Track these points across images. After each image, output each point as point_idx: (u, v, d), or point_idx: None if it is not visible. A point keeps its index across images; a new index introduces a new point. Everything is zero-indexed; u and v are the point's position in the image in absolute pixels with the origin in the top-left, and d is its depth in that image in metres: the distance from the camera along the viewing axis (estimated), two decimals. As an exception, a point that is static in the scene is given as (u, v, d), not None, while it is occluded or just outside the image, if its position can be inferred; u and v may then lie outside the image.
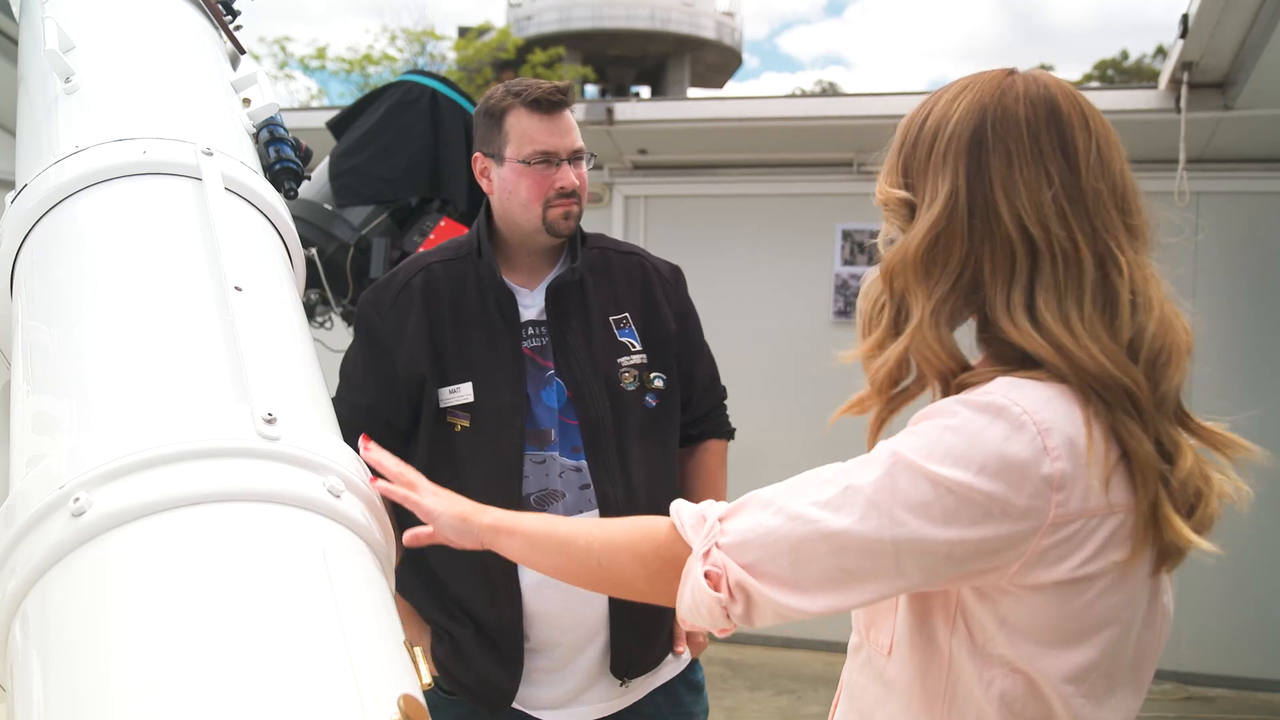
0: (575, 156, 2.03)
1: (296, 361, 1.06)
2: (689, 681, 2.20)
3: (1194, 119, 4.12)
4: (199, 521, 0.82)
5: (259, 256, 1.17)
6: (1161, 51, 21.45)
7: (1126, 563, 1.06)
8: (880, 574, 1.06)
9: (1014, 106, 1.14)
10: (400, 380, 2.00)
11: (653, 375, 2.06)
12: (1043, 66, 1.49)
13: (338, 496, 0.89)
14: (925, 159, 1.18)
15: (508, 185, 2.03)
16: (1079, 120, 1.15)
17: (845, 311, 5.09)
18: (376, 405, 2.02)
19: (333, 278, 3.00)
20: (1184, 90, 4.07)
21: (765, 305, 5.19)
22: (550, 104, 2.00)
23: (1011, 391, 1.06)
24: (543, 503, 1.98)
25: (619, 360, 2.04)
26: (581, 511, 1.98)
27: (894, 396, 1.19)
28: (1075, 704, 1.09)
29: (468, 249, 2.08)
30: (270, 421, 0.89)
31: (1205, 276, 4.48)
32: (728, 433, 2.28)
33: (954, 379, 1.15)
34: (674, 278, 2.19)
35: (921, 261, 1.14)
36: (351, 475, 0.92)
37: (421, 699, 0.79)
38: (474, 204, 3.20)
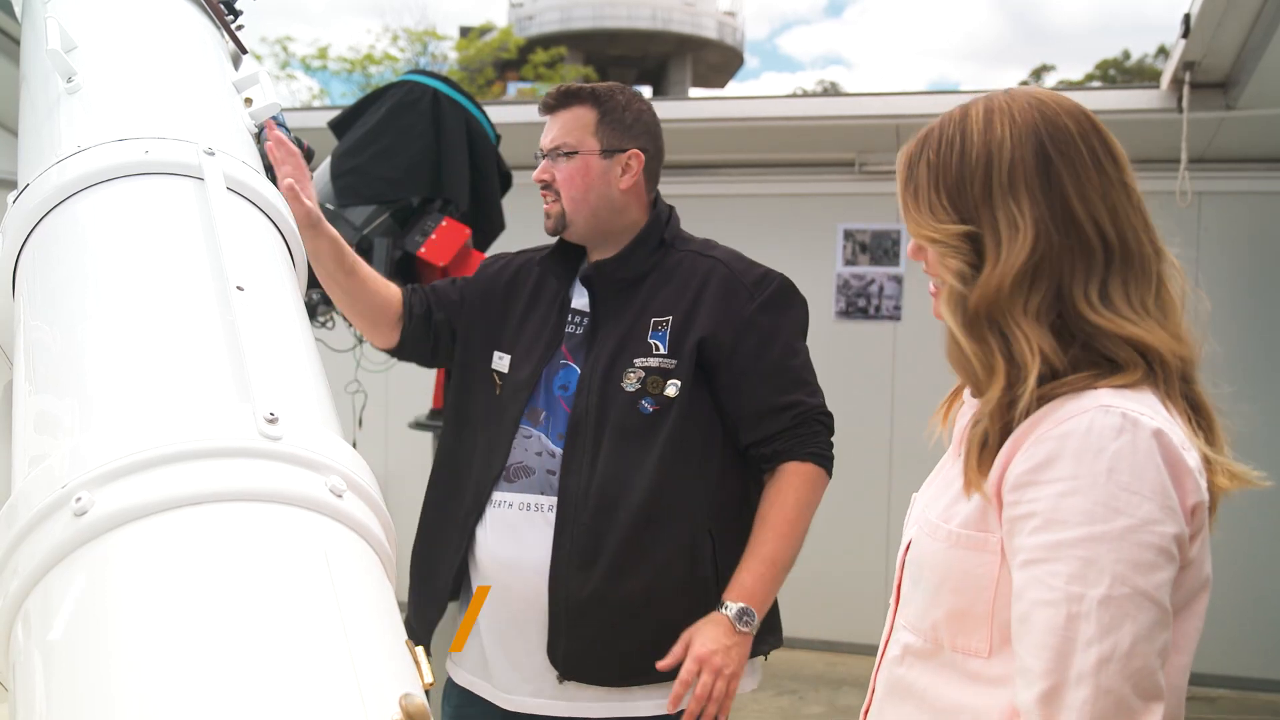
0: (552, 152, 2.12)
1: (299, 361, 1.06)
2: None
3: (1196, 119, 4.12)
4: (201, 521, 0.82)
5: (261, 256, 1.17)
6: (1163, 51, 21.44)
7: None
8: (1162, 614, 1.08)
9: (1062, 121, 1.19)
10: (464, 298, 2.23)
11: (668, 382, 1.98)
12: (1044, 67, 1.52)
13: (340, 496, 0.89)
14: (983, 189, 1.19)
15: None
16: (1105, 129, 1.21)
17: (847, 311, 5.09)
18: (438, 286, 2.27)
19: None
20: (1186, 90, 4.07)
21: (767, 305, 5.19)
22: (542, 107, 2.17)
23: (1119, 400, 1.11)
24: (517, 474, 2.05)
25: (635, 360, 2.01)
26: (542, 493, 2.01)
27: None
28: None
29: None
30: (272, 421, 0.88)
31: (1207, 277, 4.47)
32: (810, 455, 2.02)
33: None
34: (756, 288, 2.07)
35: (1016, 287, 1.17)
36: (354, 475, 0.92)
37: (424, 699, 0.79)
38: (476, 203, 3.20)
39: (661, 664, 1.90)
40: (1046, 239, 1.16)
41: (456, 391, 2.23)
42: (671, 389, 1.98)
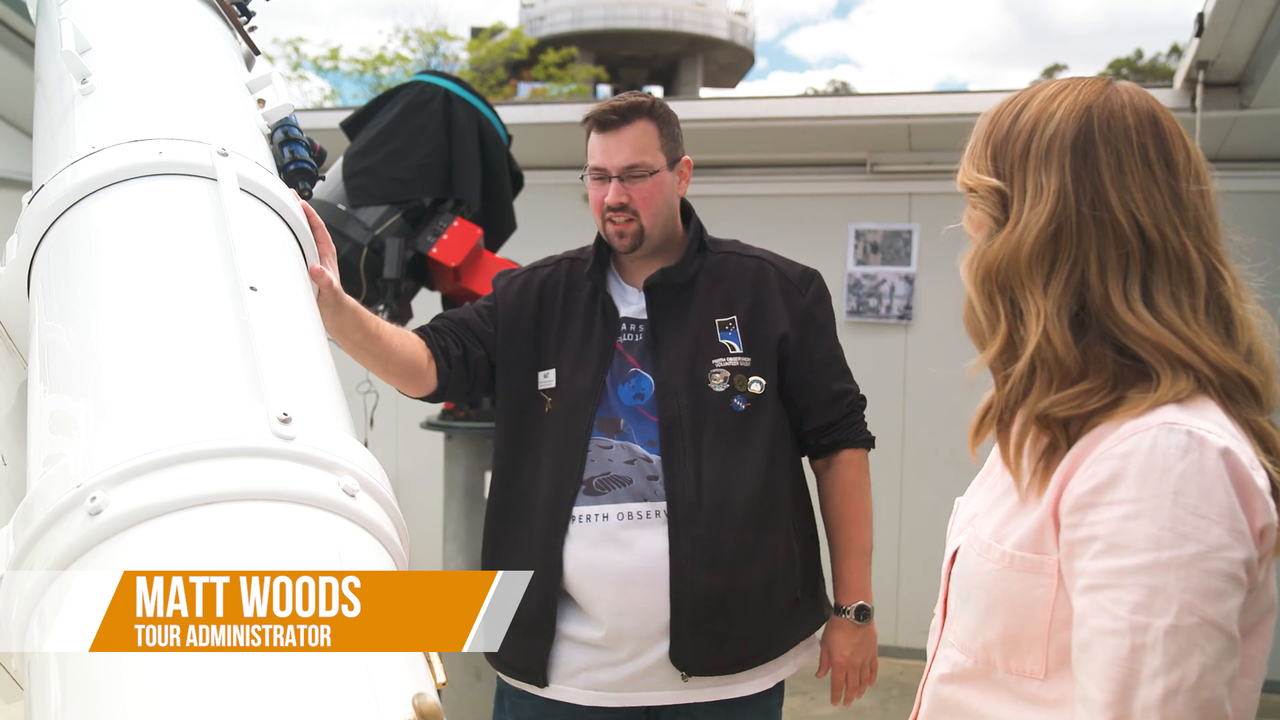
0: (627, 173, 2.09)
1: (311, 361, 1.07)
2: (762, 706, 2.14)
3: (1209, 118, 4.09)
4: (215, 521, 0.83)
5: (274, 256, 1.18)
6: (1176, 50, 21.36)
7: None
8: (1231, 643, 1.05)
9: (1121, 112, 1.16)
10: (497, 327, 2.18)
11: (750, 379, 2.09)
12: (1056, 66, 1.51)
13: (352, 496, 0.89)
14: (1022, 152, 1.18)
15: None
16: (1178, 138, 1.18)
17: (858, 311, 5.08)
18: (469, 319, 2.20)
19: (346, 278, 3.00)
20: (1199, 89, 4.04)
21: (778, 305, 5.19)
22: (602, 123, 2.10)
23: (1184, 417, 1.06)
24: (604, 486, 2.04)
25: (714, 361, 2.08)
26: (646, 500, 2.03)
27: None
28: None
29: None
30: (285, 421, 0.89)
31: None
32: (864, 441, 2.23)
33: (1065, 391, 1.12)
34: (803, 283, 2.19)
35: (1036, 259, 1.14)
36: (366, 475, 0.92)
37: (436, 698, 0.79)
38: (487, 204, 3.21)
39: (820, 674, 2.21)
40: (1066, 212, 1.14)
41: (509, 417, 2.18)
42: (755, 386, 2.09)
